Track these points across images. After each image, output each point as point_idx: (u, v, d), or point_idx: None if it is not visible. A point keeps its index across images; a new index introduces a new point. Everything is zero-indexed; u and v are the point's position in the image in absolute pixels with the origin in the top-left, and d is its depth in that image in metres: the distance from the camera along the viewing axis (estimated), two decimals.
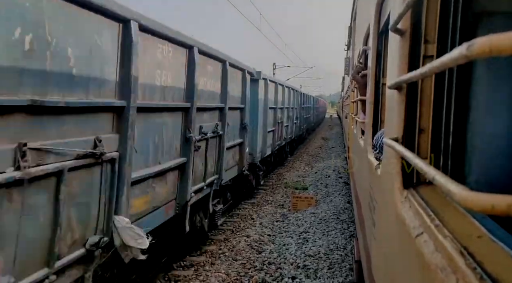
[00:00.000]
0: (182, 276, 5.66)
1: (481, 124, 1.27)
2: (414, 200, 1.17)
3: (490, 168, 1.27)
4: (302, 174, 14.03)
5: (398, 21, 1.31)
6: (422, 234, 0.99)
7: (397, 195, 1.31)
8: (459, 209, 1.05)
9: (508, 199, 0.49)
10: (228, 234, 7.57)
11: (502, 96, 1.28)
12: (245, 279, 5.60)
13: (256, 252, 6.63)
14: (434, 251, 0.88)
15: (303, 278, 5.63)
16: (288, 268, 5.96)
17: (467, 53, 0.54)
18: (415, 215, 1.09)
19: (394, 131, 1.41)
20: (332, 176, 13.31)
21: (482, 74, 1.28)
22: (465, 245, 0.81)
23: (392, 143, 1.27)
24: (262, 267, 5.99)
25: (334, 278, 5.64)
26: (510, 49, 0.47)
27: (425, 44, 1.30)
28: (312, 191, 11.26)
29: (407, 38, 1.35)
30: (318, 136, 30.69)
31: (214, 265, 6.10)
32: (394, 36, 1.53)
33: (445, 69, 0.97)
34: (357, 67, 4.19)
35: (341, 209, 9.15)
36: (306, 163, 16.59)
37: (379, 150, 2.38)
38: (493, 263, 0.72)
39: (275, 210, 9.33)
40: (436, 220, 0.97)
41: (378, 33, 2.69)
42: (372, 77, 2.75)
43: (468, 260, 0.75)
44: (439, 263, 0.83)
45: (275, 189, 11.57)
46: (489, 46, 0.49)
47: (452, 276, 0.75)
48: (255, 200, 10.18)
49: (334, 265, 6.06)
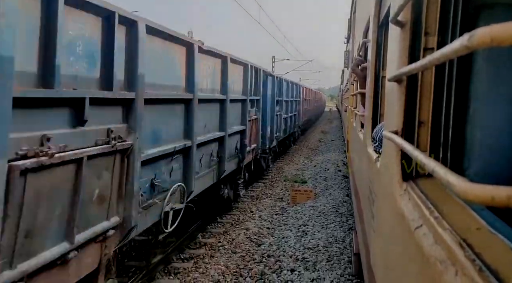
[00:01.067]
0: (182, 269, 5.69)
1: (481, 117, 1.27)
2: (414, 192, 1.17)
3: (489, 161, 1.27)
4: (301, 167, 14.05)
5: (399, 13, 1.30)
6: (422, 227, 0.99)
7: (397, 187, 1.31)
8: (458, 201, 1.05)
9: (508, 190, 0.49)
10: (228, 227, 7.60)
11: (502, 88, 1.28)
12: (244, 272, 5.63)
13: (255, 245, 6.66)
14: (433, 243, 0.88)
15: (302, 270, 5.67)
16: (287, 260, 5.99)
17: (468, 44, 0.54)
18: (414, 207, 1.10)
19: (394, 124, 1.41)
20: (331, 169, 13.33)
21: (482, 67, 1.28)
22: (464, 237, 0.81)
23: (391, 136, 1.27)
24: (261, 260, 6.02)
25: (333, 270, 5.67)
26: (510, 40, 0.46)
27: (426, 37, 1.29)
28: (311, 184, 11.28)
29: (408, 30, 1.35)
30: (318, 129, 30.69)
31: (214, 258, 6.12)
32: (394, 29, 1.52)
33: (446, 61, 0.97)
34: (357, 60, 4.17)
35: (340, 202, 9.18)
36: (306, 156, 16.61)
37: (378, 143, 2.38)
38: (492, 255, 0.73)
39: (274, 203, 9.35)
40: (435, 212, 0.97)
41: (378, 26, 2.67)
42: (372, 70, 2.74)
43: (467, 252, 0.75)
44: (438, 255, 0.83)
45: (274, 182, 11.60)
46: (490, 36, 0.49)
47: (452, 268, 0.75)
48: (254, 194, 10.21)
49: (333, 258, 6.09)
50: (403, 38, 1.37)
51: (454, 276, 0.73)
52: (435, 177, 0.73)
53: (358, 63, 4.02)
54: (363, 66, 3.84)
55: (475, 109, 1.28)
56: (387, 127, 1.65)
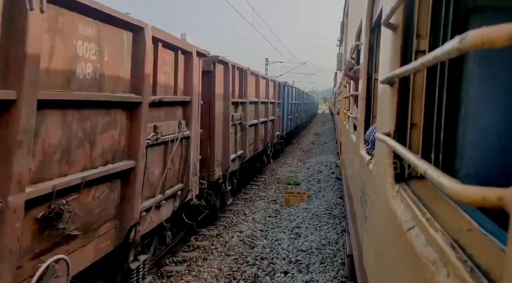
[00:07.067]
0: (175, 272, 5.66)
1: (472, 119, 1.28)
2: (406, 194, 1.17)
3: (480, 162, 1.28)
4: (295, 169, 14.07)
5: (391, 16, 1.31)
6: (414, 228, 1.00)
7: (389, 189, 1.31)
8: (450, 202, 1.06)
9: (498, 191, 0.49)
10: (221, 229, 7.58)
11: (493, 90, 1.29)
12: (237, 274, 5.62)
13: (248, 247, 6.65)
14: (425, 244, 0.89)
15: (295, 272, 5.66)
16: (280, 263, 5.99)
17: (460, 46, 0.54)
18: (407, 209, 1.10)
19: (386, 126, 1.41)
20: (324, 171, 13.36)
21: (473, 69, 1.29)
22: (456, 238, 0.81)
23: (384, 138, 1.28)
24: (254, 262, 6.01)
25: (326, 272, 5.67)
26: (501, 42, 0.47)
27: (417, 39, 1.30)
28: (305, 186, 11.30)
29: (400, 33, 1.36)
30: (311, 131, 30.78)
31: (207, 261, 6.10)
32: (386, 31, 1.53)
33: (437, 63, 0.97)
34: (349, 63, 4.19)
35: (333, 204, 9.20)
36: (299, 159, 16.63)
37: (371, 145, 2.39)
38: (483, 255, 0.73)
39: (267, 206, 9.35)
40: (427, 213, 0.98)
41: (370, 28, 2.69)
42: (365, 73, 2.76)
43: (459, 253, 0.75)
44: (430, 256, 0.84)
45: (268, 185, 11.59)
46: (481, 38, 0.49)
47: (443, 268, 0.76)
48: (248, 196, 10.20)
49: (326, 260, 6.10)
50: (395, 40, 1.38)
51: (446, 277, 0.74)
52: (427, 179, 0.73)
53: (350, 67, 4.04)
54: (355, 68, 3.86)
55: (467, 111, 1.29)
56: (379, 129, 1.66)
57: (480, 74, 1.28)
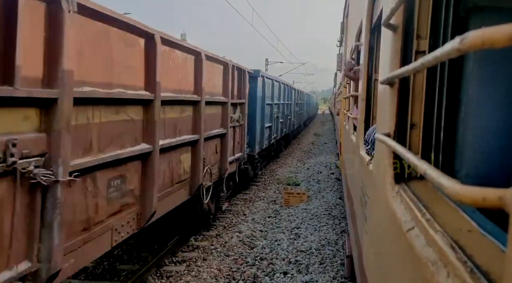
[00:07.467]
0: (174, 272, 5.66)
1: (472, 119, 1.28)
2: (406, 194, 1.17)
3: (480, 162, 1.28)
4: (294, 170, 14.07)
5: (391, 17, 1.31)
6: (413, 228, 1.00)
7: (389, 189, 1.31)
8: (450, 203, 1.06)
9: (499, 192, 0.49)
10: (220, 230, 7.58)
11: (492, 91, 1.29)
12: (237, 275, 5.62)
13: (248, 248, 6.65)
14: (425, 245, 0.89)
15: (295, 273, 5.66)
16: (280, 263, 5.99)
17: (460, 46, 0.54)
18: (407, 209, 1.10)
19: (386, 126, 1.41)
20: (324, 172, 13.36)
21: (473, 70, 1.29)
22: (456, 239, 0.81)
23: (384, 138, 1.28)
24: (254, 263, 6.01)
25: (325, 273, 5.67)
26: (501, 42, 0.47)
27: (417, 40, 1.30)
28: (304, 186, 11.29)
29: (400, 33, 1.35)
30: (311, 132, 30.78)
31: (206, 261, 6.10)
32: (386, 32, 1.53)
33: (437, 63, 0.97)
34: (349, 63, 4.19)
35: (332, 205, 9.20)
36: (298, 159, 16.63)
37: (371, 145, 2.39)
38: (483, 256, 0.73)
39: (267, 206, 9.34)
40: (427, 214, 0.98)
41: (370, 29, 2.69)
42: (365, 73, 2.76)
43: (459, 254, 0.75)
44: (430, 256, 0.84)
45: (267, 185, 11.59)
46: (482, 39, 0.49)
47: (443, 269, 0.76)
48: (248, 196, 10.20)
49: (326, 260, 6.10)
50: (395, 41, 1.38)
51: (446, 278, 0.74)
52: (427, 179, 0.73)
53: (350, 67, 4.04)
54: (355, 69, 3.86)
55: (467, 111, 1.29)
56: (379, 129, 1.66)
57: (480, 74, 1.28)
